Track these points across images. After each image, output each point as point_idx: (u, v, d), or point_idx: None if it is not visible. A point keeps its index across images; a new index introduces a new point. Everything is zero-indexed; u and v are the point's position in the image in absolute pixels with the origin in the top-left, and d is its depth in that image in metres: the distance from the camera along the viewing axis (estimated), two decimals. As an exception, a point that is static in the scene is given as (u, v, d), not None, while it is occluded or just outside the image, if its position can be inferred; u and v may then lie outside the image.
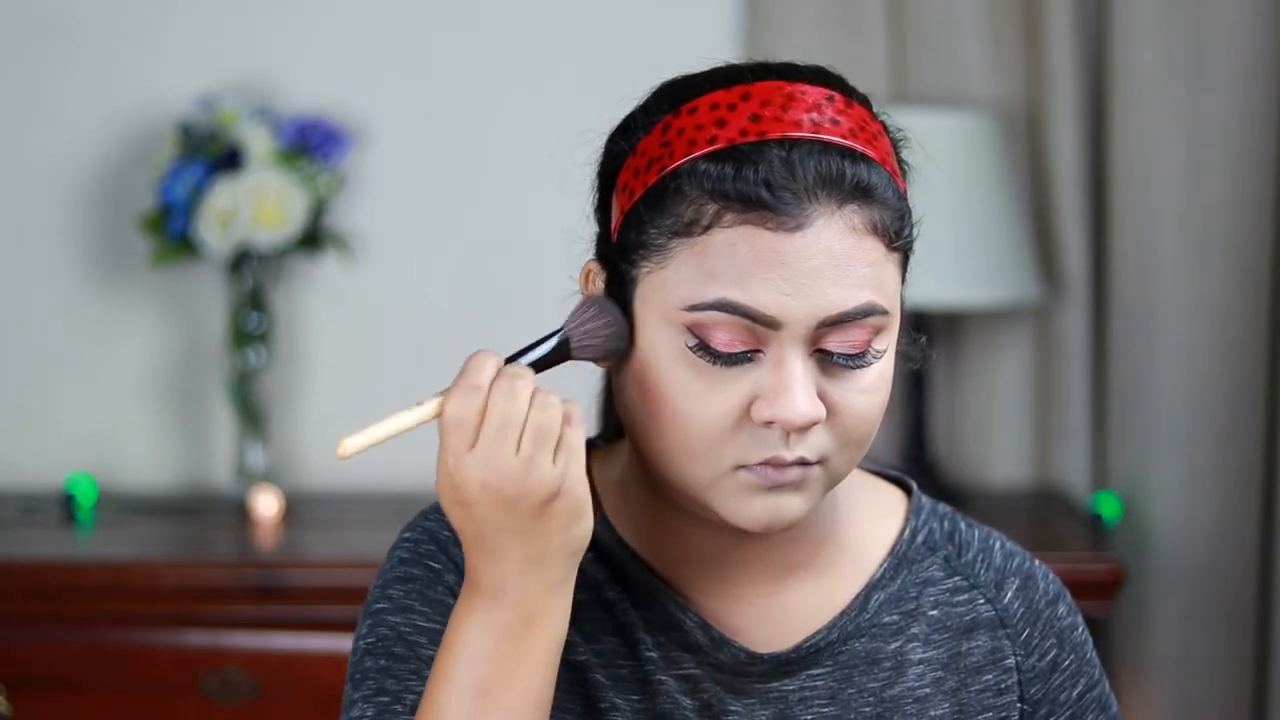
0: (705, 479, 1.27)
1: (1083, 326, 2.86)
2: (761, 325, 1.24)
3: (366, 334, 2.97)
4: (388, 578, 1.36)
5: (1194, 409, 2.83)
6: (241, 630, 2.52)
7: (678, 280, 1.25)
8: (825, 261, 1.24)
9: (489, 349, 1.25)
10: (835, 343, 1.25)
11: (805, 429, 1.25)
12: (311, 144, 2.81)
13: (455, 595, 1.33)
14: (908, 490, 1.43)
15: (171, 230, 2.77)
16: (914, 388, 2.81)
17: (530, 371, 1.25)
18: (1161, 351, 2.83)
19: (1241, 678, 2.86)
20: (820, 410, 1.25)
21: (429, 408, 1.23)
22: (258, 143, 2.76)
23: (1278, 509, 2.84)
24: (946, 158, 2.67)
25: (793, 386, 1.24)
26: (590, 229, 1.36)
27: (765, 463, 1.26)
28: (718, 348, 1.24)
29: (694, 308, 1.24)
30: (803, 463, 1.26)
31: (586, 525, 1.24)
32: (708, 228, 1.24)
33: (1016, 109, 2.88)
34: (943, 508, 1.44)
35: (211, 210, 2.73)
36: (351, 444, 1.21)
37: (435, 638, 1.32)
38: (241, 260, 2.82)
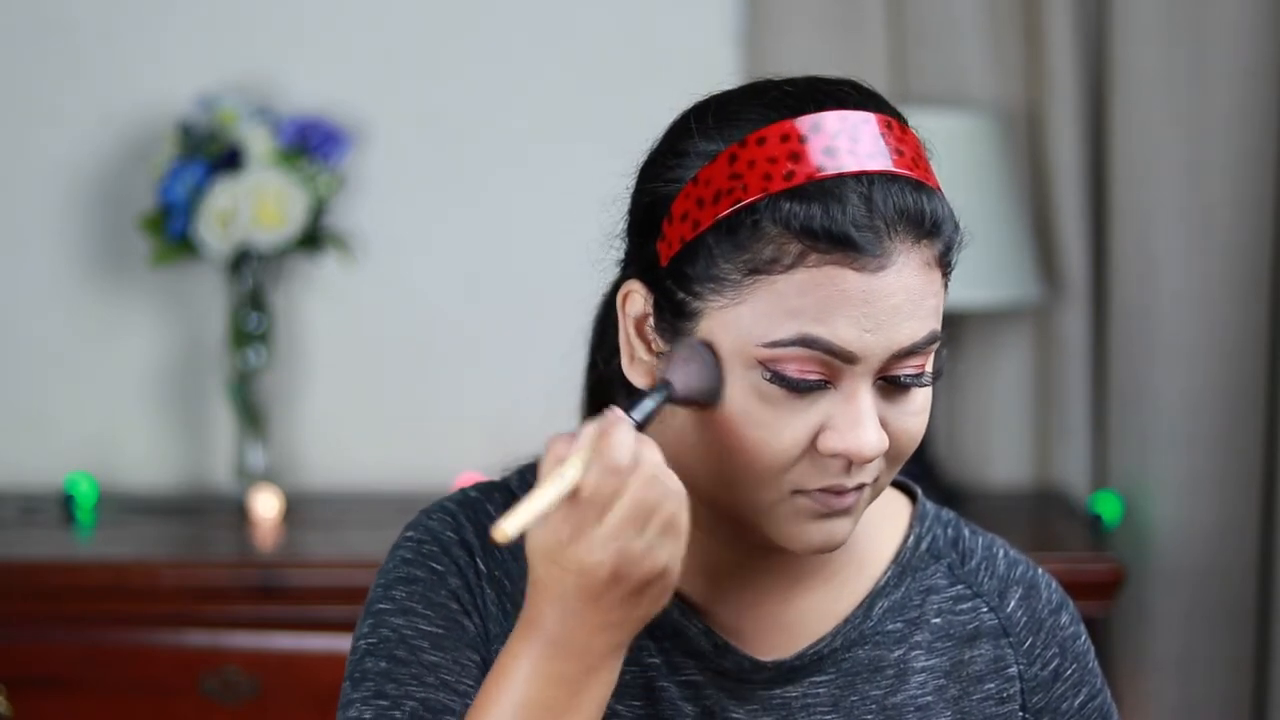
0: (764, 503, 1.28)
1: (1083, 326, 2.86)
2: (839, 360, 1.24)
3: (366, 334, 2.97)
4: (391, 577, 1.36)
5: (1194, 409, 2.83)
6: (241, 630, 2.52)
7: (754, 317, 1.25)
8: (904, 298, 1.24)
9: (618, 411, 1.21)
10: (898, 370, 1.26)
11: (872, 460, 1.26)
12: (311, 144, 2.81)
13: (459, 599, 1.33)
14: (912, 495, 1.44)
15: (171, 230, 2.77)
16: (914, 388, 2.81)
17: (658, 452, 1.21)
18: (1161, 351, 2.83)
19: (1241, 678, 2.86)
20: (886, 442, 1.26)
21: (570, 477, 1.19)
22: (258, 143, 2.76)
23: (1278, 509, 2.84)
24: (946, 158, 2.66)
25: (865, 420, 1.25)
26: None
27: (825, 489, 1.27)
28: (792, 376, 1.24)
29: (774, 344, 1.24)
30: (859, 488, 1.28)
31: (668, 599, 1.24)
32: (790, 266, 1.24)
33: (1016, 109, 2.88)
34: (946, 514, 1.44)
35: (211, 210, 2.73)
36: (511, 526, 1.16)
37: (438, 642, 1.32)
38: (241, 260, 2.81)
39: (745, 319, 1.25)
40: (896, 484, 1.44)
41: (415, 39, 2.94)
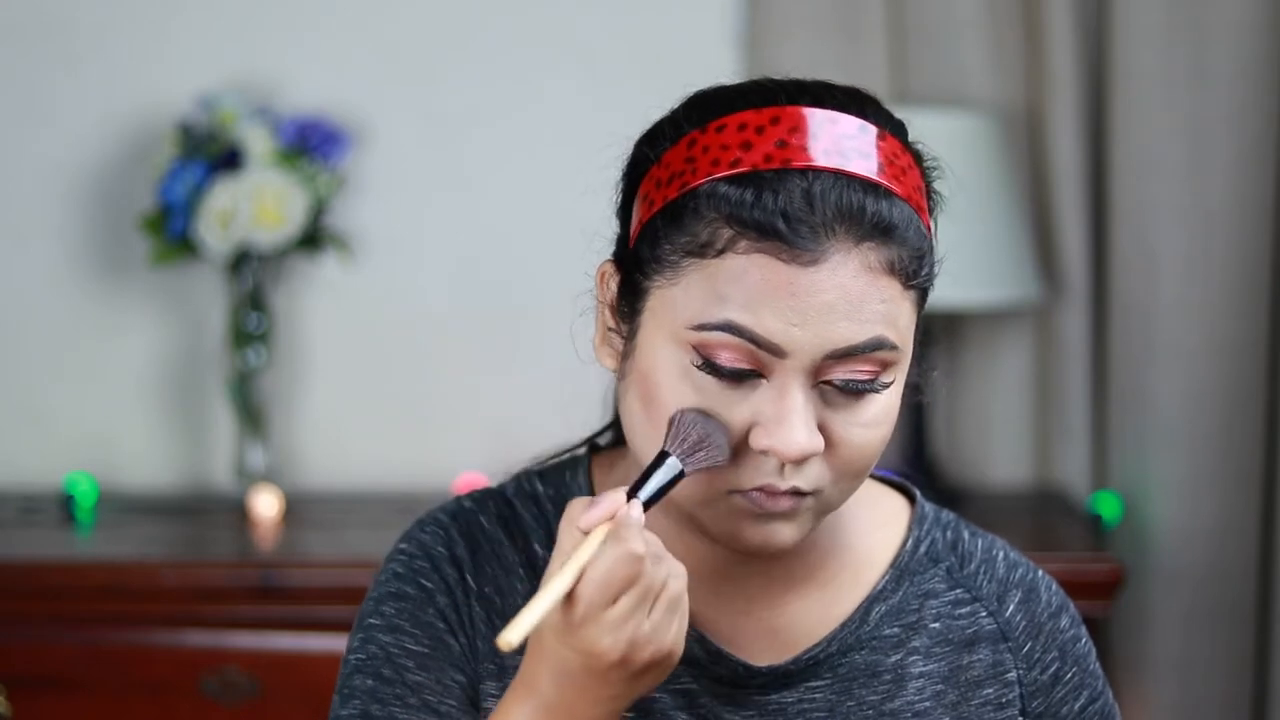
0: (699, 498, 1.27)
1: (1083, 326, 2.86)
2: (766, 352, 1.23)
3: (366, 334, 2.97)
4: (382, 591, 1.36)
5: (1194, 409, 2.83)
6: (241, 630, 2.52)
7: (687, 299, 1.24)
8: (838, 297, 1.22)
9: (620, 493, 1.21)
10: (840, 373, 1.24)
11: (801, 461, 1.24)
12: (311, 144, 2.81)
13: (445, 619, 1.34)
14: (911, 497, 1.43)
15: (171, 230, 2.77)
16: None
17: (656, 540, 1.22)
18: (1161, 352, 2.83)
19: (1241, 678, 2.86)
20: (818, 443, 1.24)
21: (570, 575, 1.19)
22: (258, 143, 2.76)
23: (1278, 509, 2.84)
24: (946, 158, 2.67)
25: (792, 418, 1.23)
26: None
27: (759, 489, 1.25)
28: (722, 364, 1.23)
29: (701, 327, 1.23)
30: (796, 493, 1.26)
31: (669, 672, 1.24)
32: (721, 251, 1.23)
33: (1016, 109, 2.88)
34: (946, 516, 1.43)
35: (211, 210, 2.73)
36: (515, 635, 1.16)
37: (423, 662, 1.32)
38: (241, 260, 2.81)
39: (679, 300, 1.25)
40: (895, 485, 1.43)
41: (415, 39, 2.94)
